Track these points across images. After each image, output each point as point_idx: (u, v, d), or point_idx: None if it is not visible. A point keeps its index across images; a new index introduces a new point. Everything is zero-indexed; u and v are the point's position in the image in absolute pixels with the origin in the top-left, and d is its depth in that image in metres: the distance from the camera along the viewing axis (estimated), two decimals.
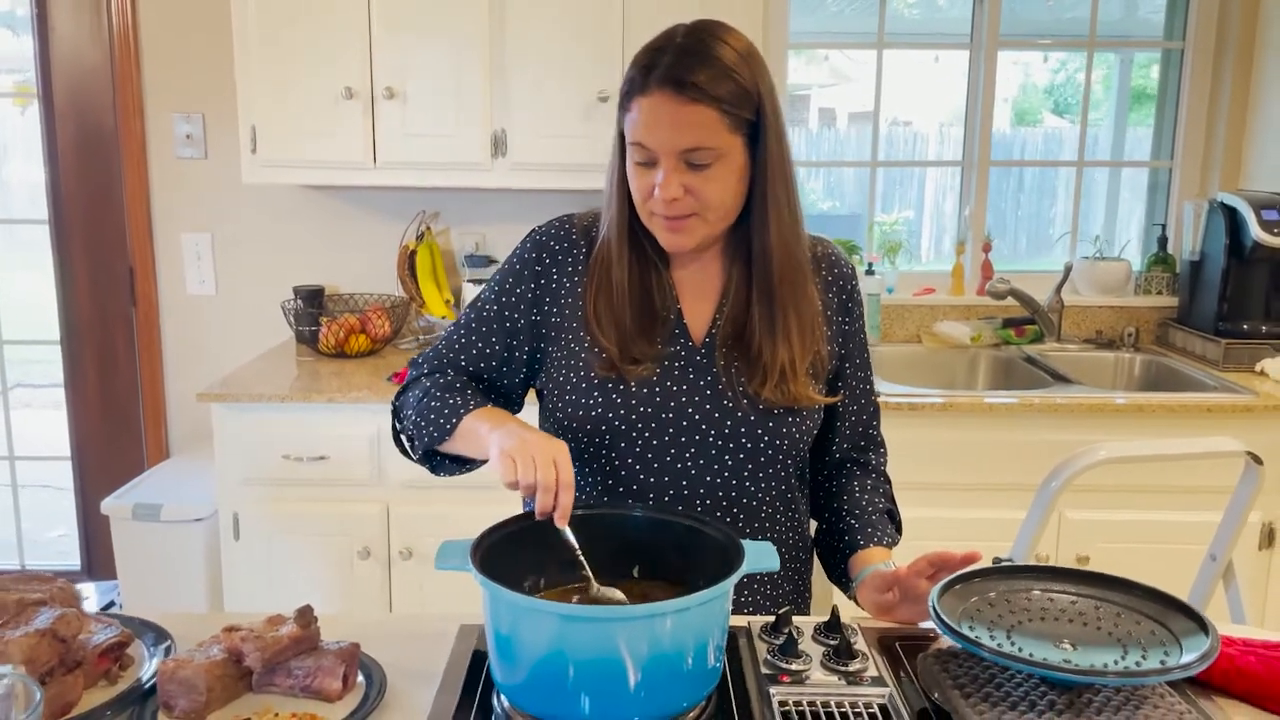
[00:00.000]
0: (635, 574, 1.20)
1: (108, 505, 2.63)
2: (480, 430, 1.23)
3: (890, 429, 2.41)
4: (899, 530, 1.45)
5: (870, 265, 3.06)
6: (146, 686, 1.07)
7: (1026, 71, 4.17)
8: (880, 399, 2.43)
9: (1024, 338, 3.04)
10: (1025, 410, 2.46)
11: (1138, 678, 0.98)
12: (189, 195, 2.98)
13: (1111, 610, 1.12)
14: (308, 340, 2.83)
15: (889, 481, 1.50)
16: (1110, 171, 3.41)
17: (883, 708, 1.06)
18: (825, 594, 2.52)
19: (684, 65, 1.18)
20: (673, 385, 1.30)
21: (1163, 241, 3.17)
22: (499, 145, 2.60)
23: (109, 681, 1.09)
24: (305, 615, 1.10)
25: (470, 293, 2.87)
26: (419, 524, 2.45)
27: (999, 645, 1.04)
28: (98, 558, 3.15)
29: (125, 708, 1.04)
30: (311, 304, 2.85)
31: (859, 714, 1.05)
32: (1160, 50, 3.22)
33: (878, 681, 1.10)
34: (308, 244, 3.01)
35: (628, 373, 1.28)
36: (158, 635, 1.17)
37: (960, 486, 2.47)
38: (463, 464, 1.34)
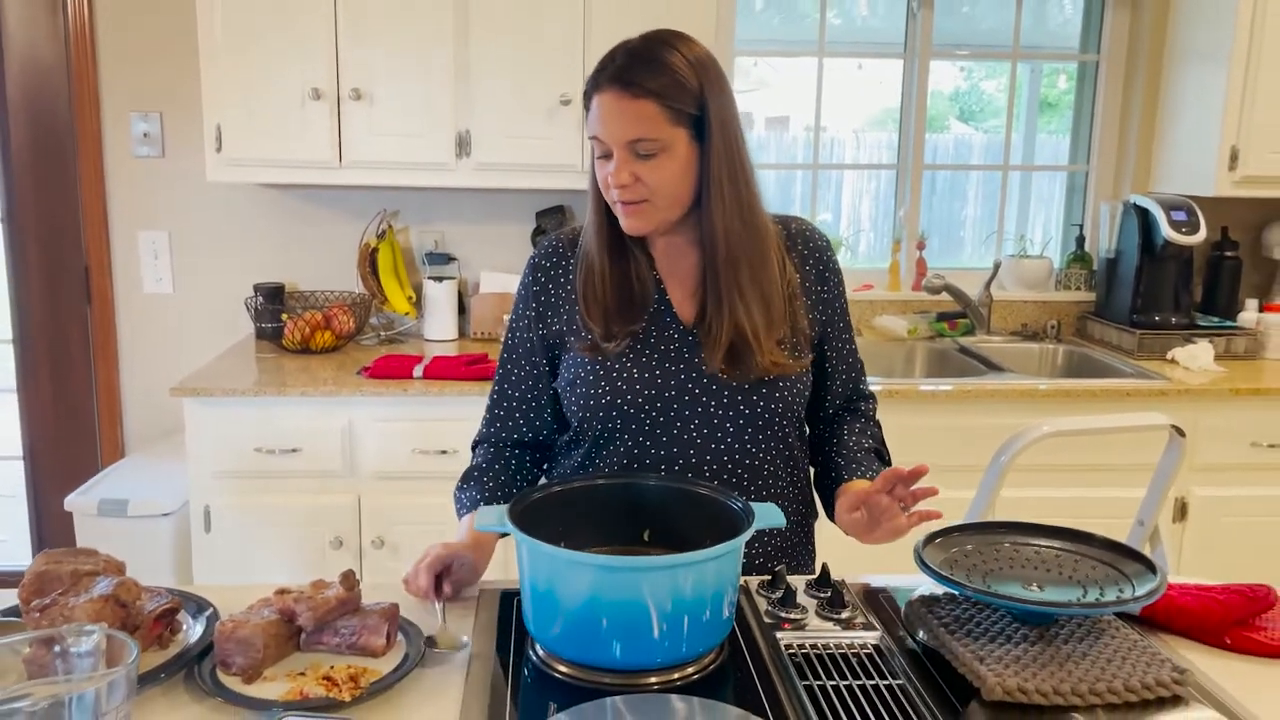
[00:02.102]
0: (645, 538, 1.32)
1: (71, 502, 2.63)
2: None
3: None
4: (888, 465, 1.57)
5: None
6: (199, 649, 1.14)
7: (934, 80, 4.39)
8: None
9: (956, 330, 3.23)
10: (961, 396, 2.63)
11: (1098, 608, 1.12)
12: (146, 194, 2.99)
13: (1071, 558, 1.27)
14: (269, 336, 2.87)
15: (879, 426, 1.63)
16: (1022, 176, 3.63)
17: (876, 647, 1.19)
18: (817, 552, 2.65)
19: (629, 66, 1.33)
20: (670, 366, 1.43)
21: (1080, 241, 3.40)
22: (463, 146, 2.69)
23: (160, 646, 1.16)
24: (349, 579, 1.19)
25: (431, 289, 2.95)
26: (390, 514, 2.52)
27: (978, 587, 1.18)
28: None
29: (180, 668, 1.11)
30: (273, 301, 2.89)
31: (855, 654, 1.18)
32: (1075, 61, 3.45)
33: (868, 627, 1.23)
34: (265, 242, 3.05)
35: (605, 349, 1.41)
36: (199, 604, 1.24)
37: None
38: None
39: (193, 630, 1.19)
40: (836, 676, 1.12)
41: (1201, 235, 2.94)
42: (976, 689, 1.07)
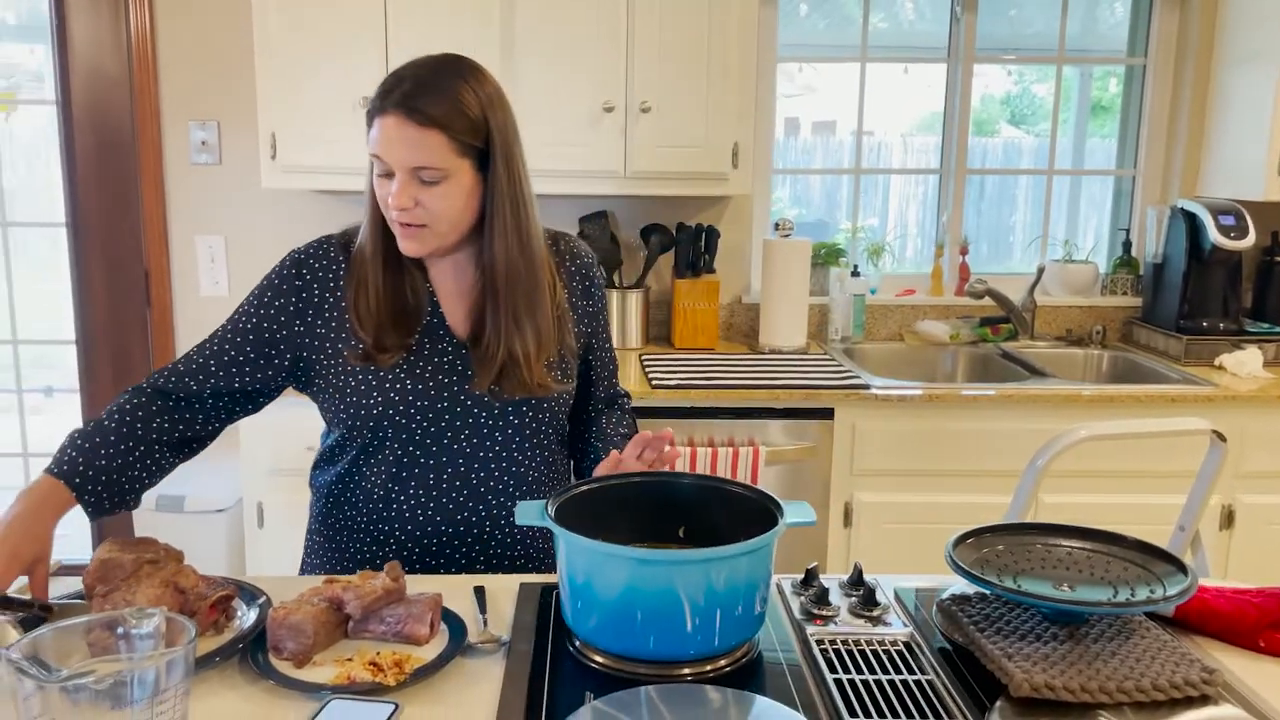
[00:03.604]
0: (681, 534, 1.35)
1: None
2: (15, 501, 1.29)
3: (876, 420, 2.60)
4: None
5: (855, 268, 3.23)
6: (252, 634, 1.19)
7: (985, 84, 4.36)
8: (869, 392, 2.60)
9: (999, 335, 3.22)
10: (1003, 401, 2.63)
11: (1128, 608, 1.14)
12: (203, 200, 3.09)
13: (1103, 559, 1.28)
14: None
15: (633, 417, 1.73)
16: (1071, 180, 3.61)
17: (906, 644, 1.21)
18: (812, 558, 2.66)
19: (416, 94, 1.33)
20: (442, 378, 1.46)
21: (1127, 245, 3.38)
22: None
23: (216, 631, 1.22)
24: (395, 570, 1.23)
25: None
26: None
27: (1008, 586, 1.19)
28: None
29: (234, 652, 1.16)
30: None
31: (885, 650, 1.20)
32: (1123, 64, 3.43)
33: (899, 624, 1.25)
34: None
35: (379, 360, 1.43)
36: (252, 593, 1.30)
37: (943, 473, 2.64)
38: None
39: (246, 617, 1.24)
40: (866, 671, 1.14)
41: (1250, 240, 2.91)
42: (1004, 685, 1.09)
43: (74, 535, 3.38)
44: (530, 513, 1.21)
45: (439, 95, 1.34)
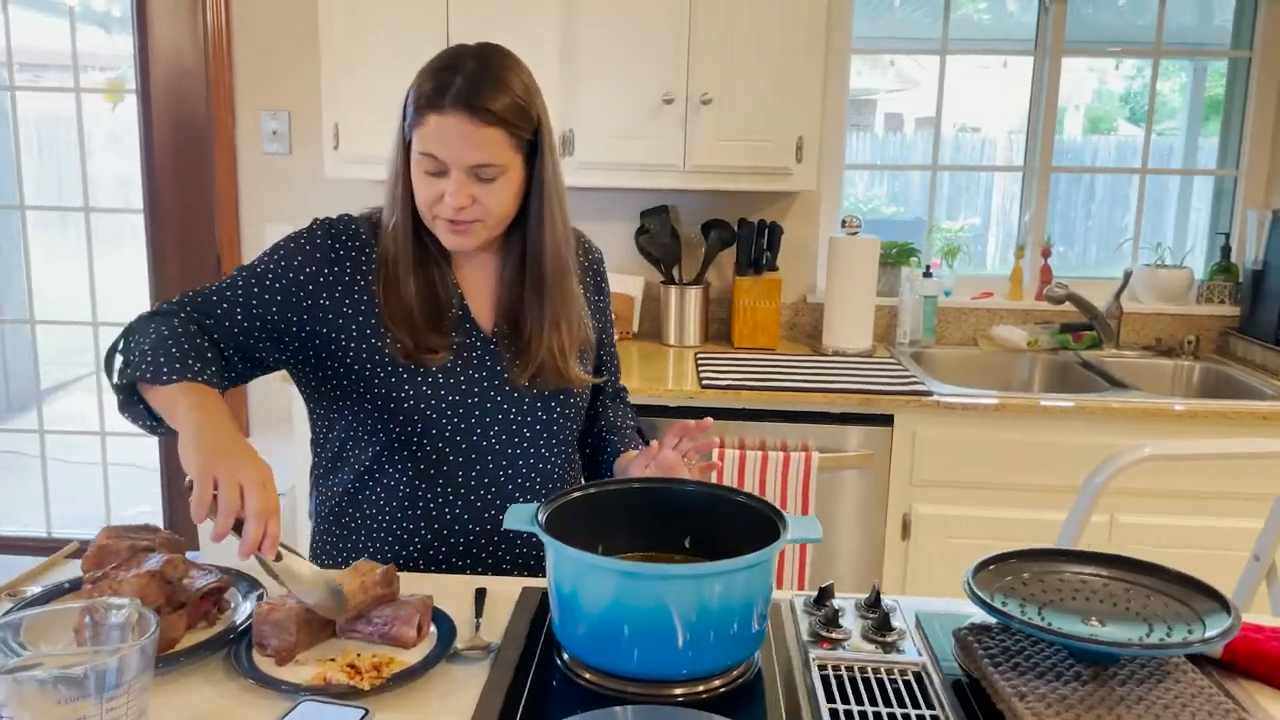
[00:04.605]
0: (687, 545, 1.29)
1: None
2: (187, 414, 1.18)
3: (938, 428, 2.49)
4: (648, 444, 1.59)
5: (928, 268, 3.10)
6: (242, 628, 1.18)
7: (1101, 79, 4.15)
8: (930, 399, 2.49)
9: (1081, 343, 3.06)
10: (1079, 413, 2.49)
11: (1160, 649, 1.03)
12: (274, 188, 3.14)
13: (1141, 592, 1.17)
14: None
15: (633, 409, 1.73)
16: (1182, 180, 3.40)
17: (916, 675, 1.13)
18: (866, 572, 2.58)
19: (475, 90, 1.30)
20: (473, 373, 1.42)
21: (1226, 250, 3.17)
22: (567, 145, 2.71)
23: (208, 623, 1.21)
24: (390, 574, 1.20)
25: None
26: None
27: (1029, 619, 1.10)
28: (182, 531, 3.31)
29: (222, 646, 1.15)
30: None
31: (894, 680, 1.12)
32: (1225, 58, 3.21)
33: (914, 653, 1.17)
34: None
35: (426, 360, 1.39)
36: (251, 584, 1.28)
37: (1010, 486, 2.51)
38: (152, 419, 1.30)
39: (240, 610, 1.23)
40: (867, 702, 1.07)
41: None
42: None
43: (153, 513, 3.48)
44: (520, 517, 1.17)
45: (496, 89, 1.31)
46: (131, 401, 1.31)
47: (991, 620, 1.19)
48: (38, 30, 3.32)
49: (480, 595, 1.30)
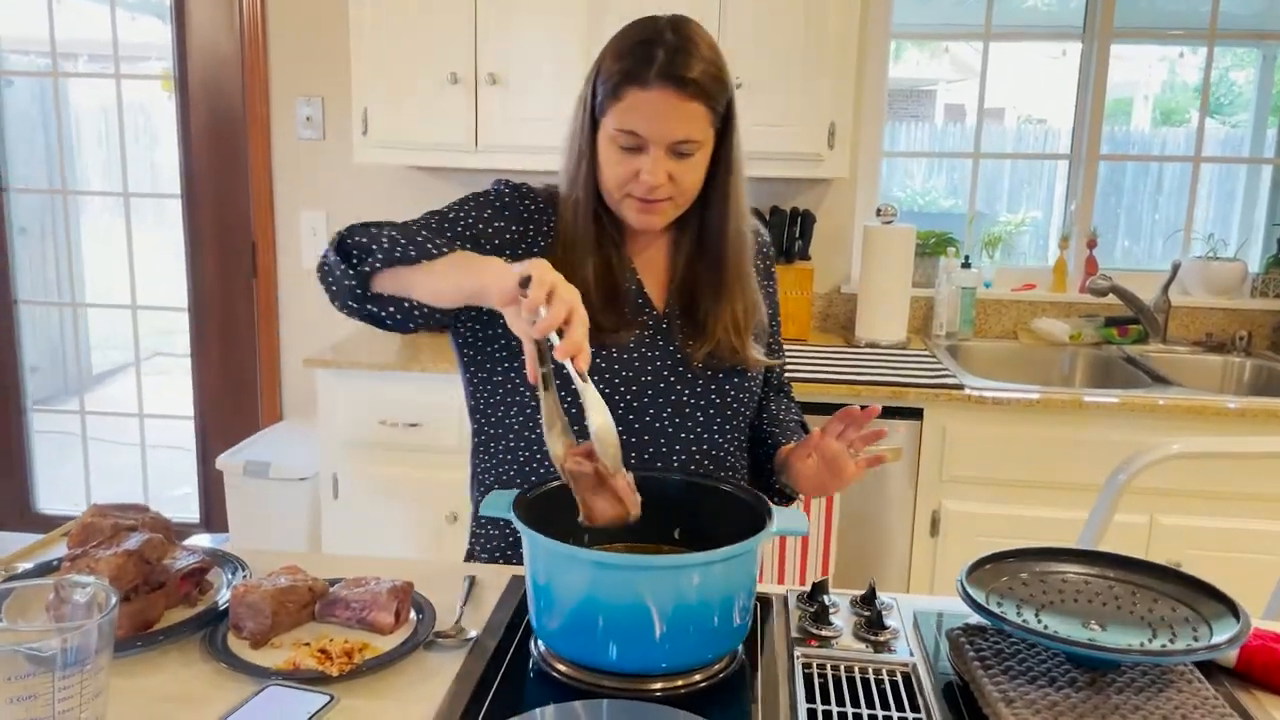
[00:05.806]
0: (676, 536, 1.25)
1: (222, 462, 2.81)
2: (478, 260, 1.17)
3: (969, 423, 2.41)
4: None
5: (966, 258, 3.02)
6: (221, 609, 1.17)
7: (1173, 69, 4.00)
8: (961, 393, 2.42)
9: (1127, 338, 2.95)
10: (1122, 409, 2.39)
11: (1160, 656, 0.97)
12: (307, 175, 3.15)
13: (1147, 595, 1.11)
14: None
15: (797, 404, 1.65)
16: (1249, 172, 3.25)
17: (905, 676, 1.08)
18: (895, 569, 2.52)
19: (678, 62, 1.25)
20: (647, 351, 1.38)
21: None
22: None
23: (189, 604, 1.20)
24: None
25: None
26: None
27: (1024, 621, 1.05)
28: (215, 513, 3.36)
29: (200, 627, 1.14)
30: None
31: (880, 680, 1.07)
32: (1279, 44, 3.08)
33: (905, 652, 1.12)
34: None
35: (614, 340, 1.35)
36: (235, 565, 1.28)
37: (1044, 484, 2.43)
38: (397, 308, 1.26)
39: (223, 592, 1.22)
40: (849, 703, 1.02)
41: None
42: None
43: (191, 495, 3.53)
44: (497, 504, 1.14)
45: (695, 60, 1.26)
46: (366, 298, 1.26)
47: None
48: (98, 21, 3.37)
49: (470, 582, 1.27)
